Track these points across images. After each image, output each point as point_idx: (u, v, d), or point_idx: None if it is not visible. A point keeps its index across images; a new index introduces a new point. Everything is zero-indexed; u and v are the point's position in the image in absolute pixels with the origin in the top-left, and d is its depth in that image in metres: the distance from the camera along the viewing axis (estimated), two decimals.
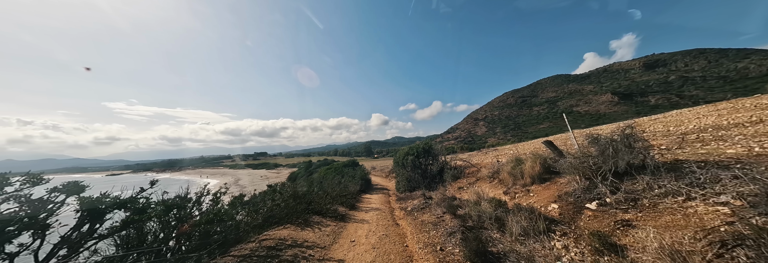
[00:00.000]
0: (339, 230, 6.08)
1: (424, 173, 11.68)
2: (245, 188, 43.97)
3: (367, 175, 18.17)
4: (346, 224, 6.70)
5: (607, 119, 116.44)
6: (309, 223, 6.16)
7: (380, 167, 35.94)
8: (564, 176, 5.25)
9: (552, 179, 5.67)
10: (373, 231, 6.02)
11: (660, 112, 19.62)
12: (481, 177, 9.54)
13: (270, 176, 68.22)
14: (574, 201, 4.35)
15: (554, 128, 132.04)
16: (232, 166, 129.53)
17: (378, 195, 12.67)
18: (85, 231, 2.49)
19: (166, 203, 3.16)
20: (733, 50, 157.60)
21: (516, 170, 6.52)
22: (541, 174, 5.84)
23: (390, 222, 6.95)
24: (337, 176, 14.35)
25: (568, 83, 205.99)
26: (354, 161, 26.45)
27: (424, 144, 11.55)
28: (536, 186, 5.78)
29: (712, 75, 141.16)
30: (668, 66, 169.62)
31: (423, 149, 11.97)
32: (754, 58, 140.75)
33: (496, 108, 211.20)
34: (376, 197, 12.17)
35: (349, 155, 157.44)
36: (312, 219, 6.54)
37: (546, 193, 5.30)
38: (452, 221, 5.93)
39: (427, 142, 12.09)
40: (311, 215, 6.83)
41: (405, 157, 12.00)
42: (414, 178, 11.58)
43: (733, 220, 2.72)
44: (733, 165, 3.80)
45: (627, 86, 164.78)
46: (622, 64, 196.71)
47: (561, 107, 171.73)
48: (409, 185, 11.63)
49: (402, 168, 12.24)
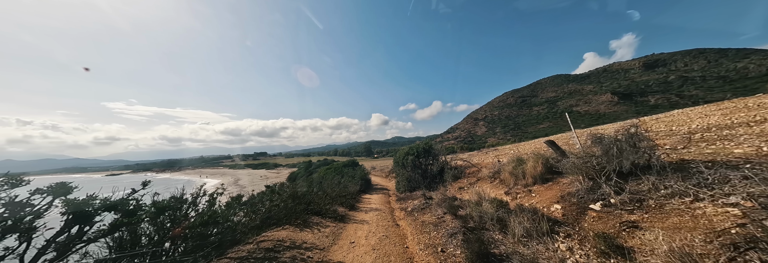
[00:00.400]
0: (338, 231, 5.99)
1: (424, 173, 11.60)
2: (245, 188, 43.87)
3: (367, 175, 18.09)
4: (346, 225, 6.61)
5: (607, 119, 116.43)
6: (308, 224, 6.07)
7: (380, 167, 35.91)
8: (566, 177, 5.16)
9: (554, 179, 5.58)
10: (373, 232, 5.93)
11: (660, 112, 19.55)
12: (482, 177, 9.46)
13: (270, 176, 68.16)
14: (578, 201, 4.26)
15: (554, 128, 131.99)
16: (231, 166, 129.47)
17: (378, 195, 12.58)
18: (74, 234, 2.40)
19: (157, 205, 3.06)
20: (732, 50, 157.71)
21: (517, 170, 6.43)
22: (543, 174, 5.75)
23: (390, 223, 6.86)
24: (336, 177, 14.26)
25: (568, 83, 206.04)
26: (354, 161, 26.27)
27: (424, 144, 11.46)
28: (538, 186, 5.69)
29: (711, 75, 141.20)
30: (668, 66, 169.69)
31: (423, 149, 11.89)
32: (753, 58, 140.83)
33: (496, 108, 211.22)
34: (376, 197, 12.08)
35: (349, 155, 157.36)
36: (311, 220, 6.45)
37: (548, 193, 5.21)
38: (453, 222, 5.84)
39: (427, 142, 12.01)
40: (310, 216, 6.74)
41: (405, 157, 11.92)
42: (414, 178, 11.50)
43: (745, 222, 2.64)
44: (742, 165, 3.71)
45: (627, 86, 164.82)
46: (621, 64, 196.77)
47: (561, 107, 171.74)
48: (410, 186, 11.55)
49: (402, 168, 12.15)
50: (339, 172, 18.39)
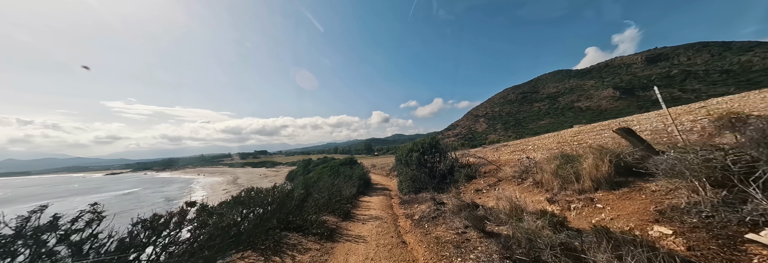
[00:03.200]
0: (322, 258, 4.30)
1: (431, 172, 9.97)
2: (243, 187, 42.31)
3: (367, 174, 16.39)
4: (335, 245, 4.94)
5: (609, 115, 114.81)
6: (280, 247, 4.39)
7: (380, 164, 34.32)
8: (655, 181, 3.50)
9: (630, 183, 3.91)
10: (372, 259, 4.27)
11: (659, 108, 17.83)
12: (504, 178, 7.80)
13: (269, 174, 66.72)
14: (705, 223, 2.59)
15: (555, 124, 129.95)
16: (231, 165, 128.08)
17: (378, 198, 10.95)
18: None
19: None
20: (736, 43, 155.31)
21: (565, 169, 4.75)
22: (611, 177, 4.07)
23: (394, 240, 5.20)
24: (331, 177, 12.57)
25: (569, 79, 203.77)
26: (352, 159, 24.28)
27: (430, 139, 9.80)
28: (605, 194, 4.01)
29: (714, 69, 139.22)
30: (671, 60, 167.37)
31: (429, 144, 10.21)
32: (757, 51, 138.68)
33: (496, 105, 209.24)
34: (376, 200, 10.44)
35: (349, 153, 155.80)
36: (286, 240, 4.78)
37: (627, 205, 3.54)
38: (483, 242, 4.18)
39: (433, 137, 10.32)
40: (287, 233, 5.06)
41: (408, 154, 10.26)
42: (420, 178, 9.87)
43: None
44: None
45: (628, 81, 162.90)
46: (623, 59, 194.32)
47: (562, 103, 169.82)
48: (414, 186, 9.94)
49: (405, 166, 10.50)
50: (335, 171, 16.67)
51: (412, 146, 10.35)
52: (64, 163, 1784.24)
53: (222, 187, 44.70)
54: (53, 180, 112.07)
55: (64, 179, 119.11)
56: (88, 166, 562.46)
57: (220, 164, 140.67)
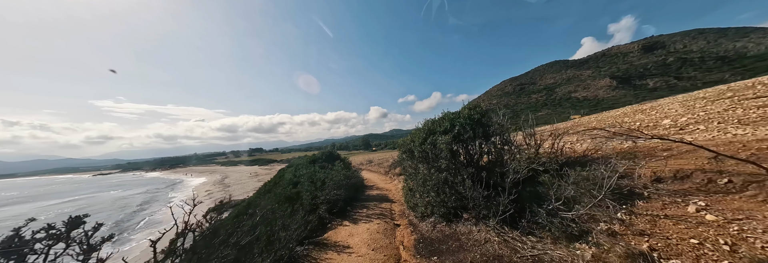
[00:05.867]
0: None
1: (477, 177, 4.90)
2: (229, 188, 39.08)
3: (354, 177, 12.20)
4: None
5: (606, 105, 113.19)
6: None
7: (378, 160, 31.23)
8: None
9: None
10: None
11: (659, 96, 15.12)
12: None
13: (260, 172, 63.34)
14: None
15: (553, 115, 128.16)
16: (224, 163, 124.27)
17: (369, 226, 6.48)
18: None
19: None
20: (732, 29, 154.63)
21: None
22: None
23: None
24: (272, 200, 7.60)
25: (567, 69, 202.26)
26: (331, 155, 17.20)
27: (476, 111, 5.86)
28: None
29: (710, 55, 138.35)
30: (667, 48, 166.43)
31: (476, 120, 5.77)
32: (753, 37, 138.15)
33: (494, 97, 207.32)
34: (365, 234, 5.90)
35: (346, 149, 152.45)
36: None
37: None
38: None
39: (476, 106, 6.24)
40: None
41: (426, 140, 5.83)
42: (462, 192, 4.93)
43: None
44: None
45: (625, 70, 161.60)
46: (620, 48, 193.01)
47: (559, 94, 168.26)
48: (446, 205, 5.23)
49: (421, 163, 6.03)
50: (292, 182, 10.08)
51: (437, 125, 5.97)
52: (54, 164, 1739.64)
53: (205, 188, 41.35)
54: (29, 183, 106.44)
55: (45, 181, 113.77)
56: (78, 167, 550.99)
57: (212, 163, 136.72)
